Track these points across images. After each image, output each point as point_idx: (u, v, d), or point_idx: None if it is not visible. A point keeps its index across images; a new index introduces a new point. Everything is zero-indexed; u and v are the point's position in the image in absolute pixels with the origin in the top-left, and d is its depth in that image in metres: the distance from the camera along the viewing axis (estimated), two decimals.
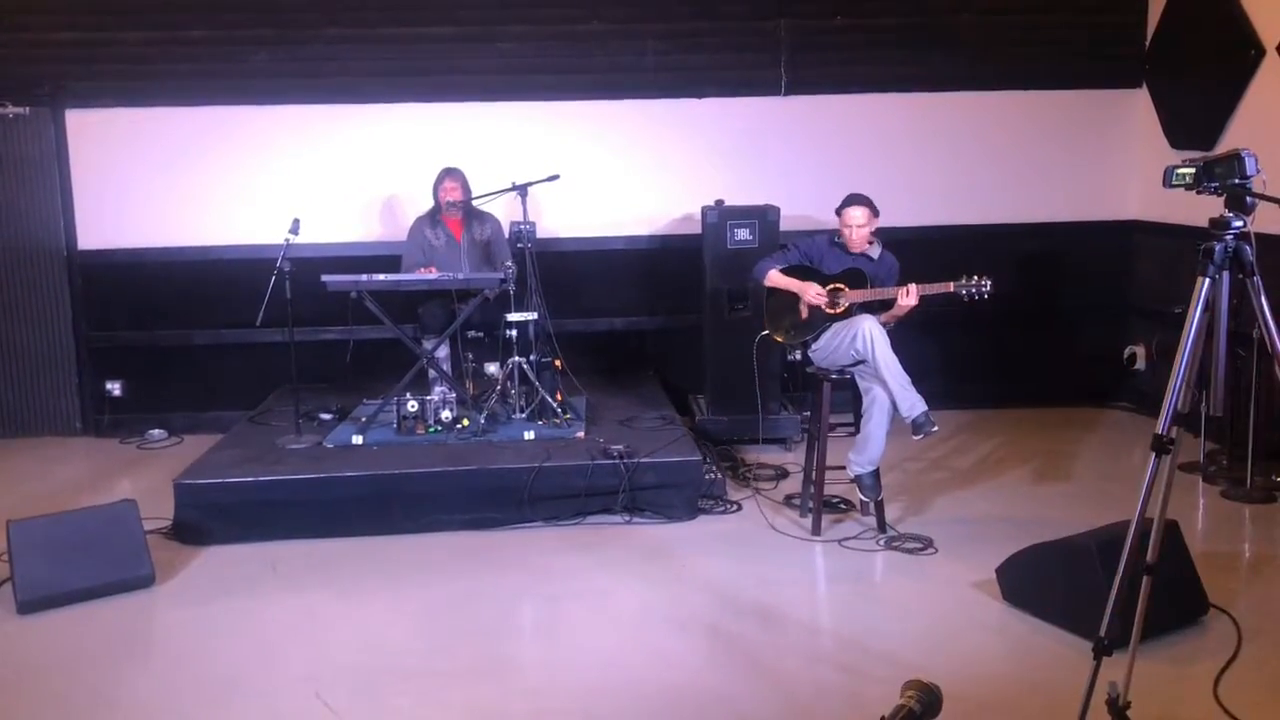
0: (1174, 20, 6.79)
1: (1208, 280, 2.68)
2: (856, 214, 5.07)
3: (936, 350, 6.89)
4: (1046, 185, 7.24)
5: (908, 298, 4.89)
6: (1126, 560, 2.75)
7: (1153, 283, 7.12)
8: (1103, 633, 2.76)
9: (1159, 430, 2.71)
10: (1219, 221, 2.68)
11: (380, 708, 3.59)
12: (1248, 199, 2.66)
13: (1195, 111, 6.56)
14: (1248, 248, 2.69)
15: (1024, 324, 7.26)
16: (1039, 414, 7.21)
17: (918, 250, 5.31)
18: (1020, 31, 7.07)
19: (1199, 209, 6.55)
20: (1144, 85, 7.11)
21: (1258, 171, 2.69)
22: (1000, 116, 7.18)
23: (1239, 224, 2.68)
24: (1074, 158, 7.24)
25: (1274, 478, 5.47)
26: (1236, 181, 2.68)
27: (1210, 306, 2.70)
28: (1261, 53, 5.93)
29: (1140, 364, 7.21)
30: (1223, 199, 2.74)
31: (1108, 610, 2.78)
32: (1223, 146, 6.23)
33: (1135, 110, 7.17)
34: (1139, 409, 7.20)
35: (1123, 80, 7.15)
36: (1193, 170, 2.74)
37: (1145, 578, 2.83)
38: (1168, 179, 2.76)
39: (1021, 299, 7.01)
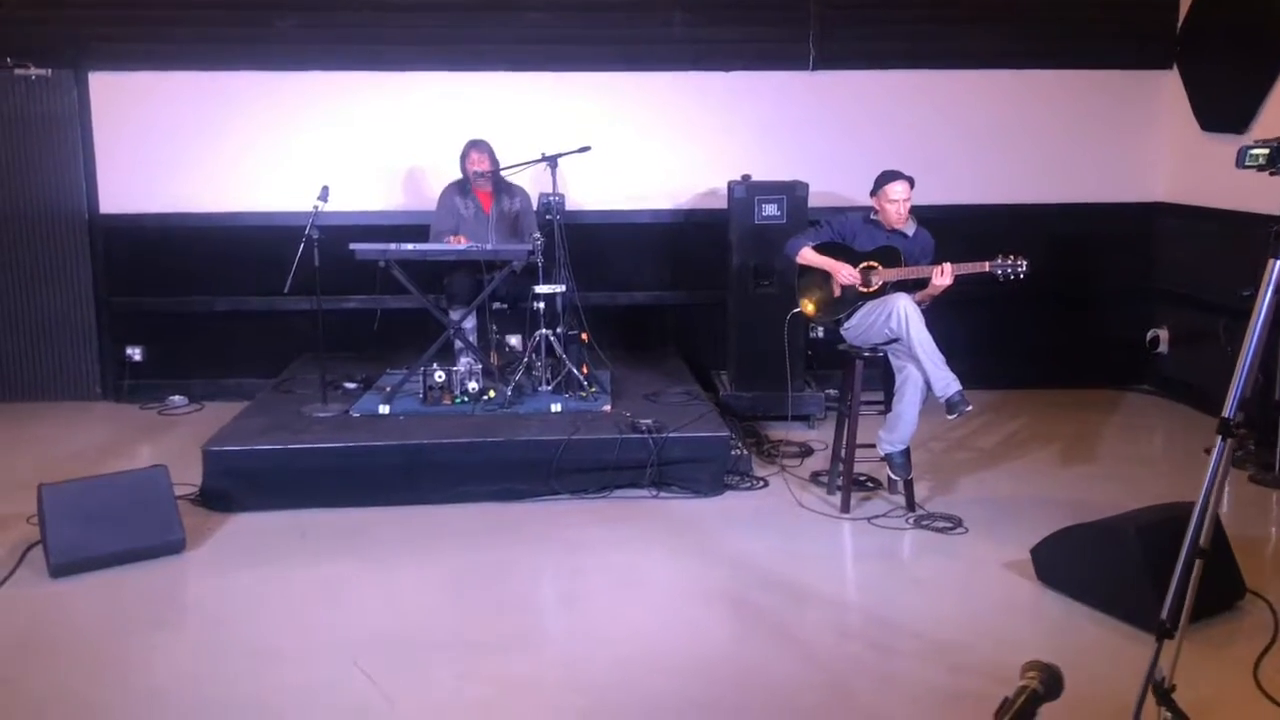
0: (1207, 1, 6.73)
1: (1278, 263, 2.64)
2: (899, 189, 5.02)
3: (959, 329, 6.86)
4: (1073, 165, 7.20)
5: (942, 277, 4.85)
6: (1190, 544, 2.74)
7: (1178, 266, 7.09)
8: (1164, 616, 2.75)
9: (1225, 414, 2.68)
10: None
11: (420, 678, 3.59)
12: None
13: (1227, 94, 6.51)
14: None
15: (1047, 305, 7.22)
16: (1060, 395, 7.20)
17: (943, 229, 5.27)
18: (1050, 10, 7.01)
19: (1229, 192, 6.52)
20: (1175, 66, 7.06)
21: None
22: (1028, 95, 7.13)
23: None
24: (1102, 138, 7.20)
25: None
26: None
27: None
28: None
29: (1163, 347, 7.19)
30: None
31: (1170, 593, 2.77)
32: (1255, 130, 6.24)
33: (1165, 91, 7.12)
34: (1161, 392, 7.19)
35: (1153, 61, 7.10)
36: (1267, 151, 2.70)
37: (1197, 562, 2.81)
38: (1241, 159, 2.72)
39: (1046, 280, 6.93)
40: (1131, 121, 7.19)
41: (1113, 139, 7.21)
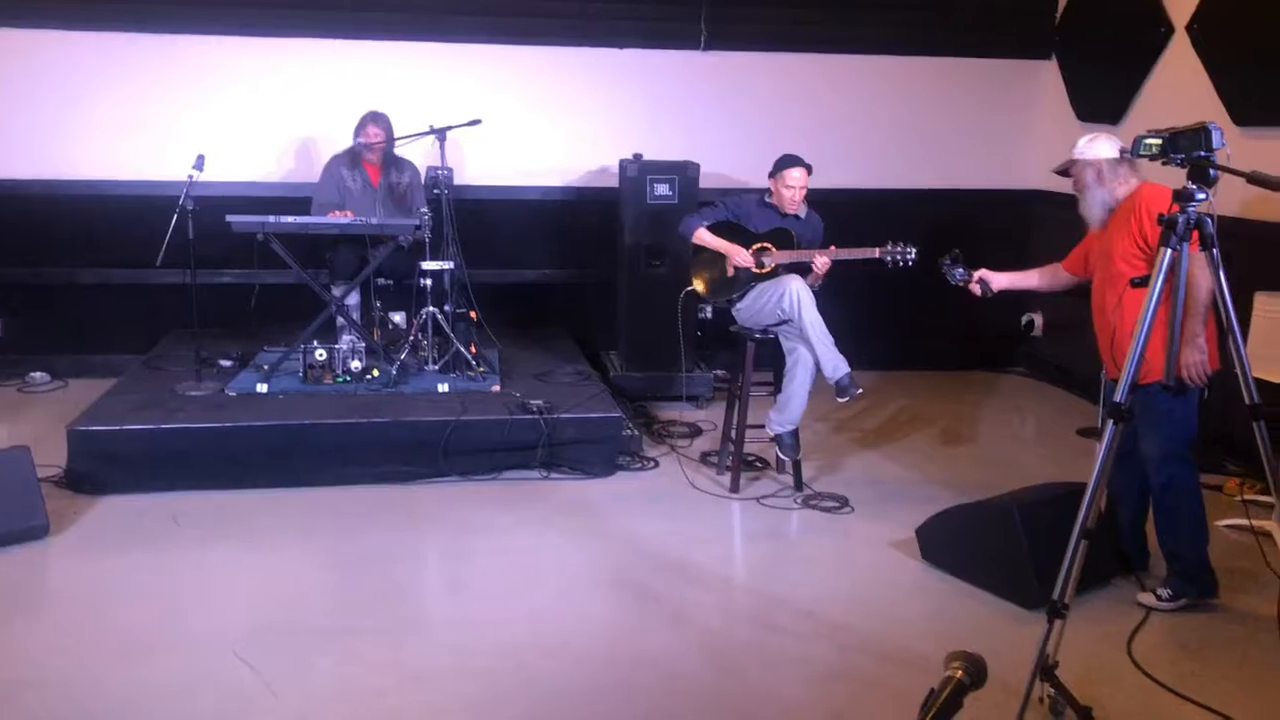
0: None
1: (1169, 251, 2.71)
2: (798, 175, 5.03)
3: (841, 312, 6.96)
4: (955, 152, 7.34)
5: (823, 260, 4.92)
6: (1081, 524, 2.80)
7: (1053, 252, 7.25)
8: (1056, 596, 2.80)
9: (1118, 399, 2.74)
10: (1182, 194, 2.71)
11: (302, 666, 3.47)
12: (1210, 172, 2.70)
13: (1103, 85, 6.70)
14: (1209, 220, 2.73)
15: (924, 288, 7.29)
16: (939, 377, 7.35)
17: (827, 212, 5.29)
18: None
19: None
20: (1053, 57, 7.24)
21: (1223, 145, 2.73)
22: (913, 82, 7.22)
23: (1202, 196, 2.72)
24: (983, 126, 7.35)
25: None
26: (1201, 154, 2.71)
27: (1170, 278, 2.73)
28: (1171, 31, 6.07)
29: (1037, 331, 7.39)
30: (1186, 171, 2.76)
31: (1062, 573, 2.83)
32: (1129, 122, 6.43)
33: (1044, 82, 7.30)
34: (1035, 375, 7.41)
35: (1033, 51, 7.27)
36: (1159, 141, 2.76)
37: (1083, 542, 2.88)
38: (1136, 148, 2.78)
39: (926, 263, 7.08)
40: (1011, 110, 7.36)
41: (993, 127, 7.36)
